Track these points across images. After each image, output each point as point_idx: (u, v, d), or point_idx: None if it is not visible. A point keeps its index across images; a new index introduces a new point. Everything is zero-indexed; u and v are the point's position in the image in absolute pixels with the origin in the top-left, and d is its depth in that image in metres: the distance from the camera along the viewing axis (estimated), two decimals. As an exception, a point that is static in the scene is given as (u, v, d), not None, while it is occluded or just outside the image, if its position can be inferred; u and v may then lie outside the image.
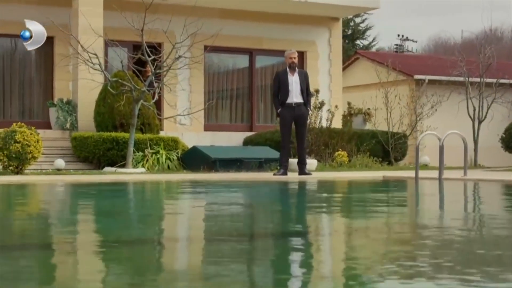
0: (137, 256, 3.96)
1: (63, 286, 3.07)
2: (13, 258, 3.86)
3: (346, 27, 38.49)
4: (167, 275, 3.33)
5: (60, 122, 17.59)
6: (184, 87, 19.91)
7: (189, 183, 11.96)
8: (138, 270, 3.45)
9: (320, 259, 3.91)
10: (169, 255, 4.14)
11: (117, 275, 3.37)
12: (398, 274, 3.29)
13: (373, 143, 18.50)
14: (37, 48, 19.41)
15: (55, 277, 3.32)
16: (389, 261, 3.67)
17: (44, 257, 3.97)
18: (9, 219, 6.22)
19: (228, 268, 3.48)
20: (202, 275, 3.35)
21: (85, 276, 3.34)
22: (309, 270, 3.47)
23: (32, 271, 3.47)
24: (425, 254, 3.96)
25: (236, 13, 20.73)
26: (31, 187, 11.09)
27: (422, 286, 2.99)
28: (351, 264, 3.66)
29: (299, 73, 13.12)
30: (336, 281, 3.19)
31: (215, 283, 3.13)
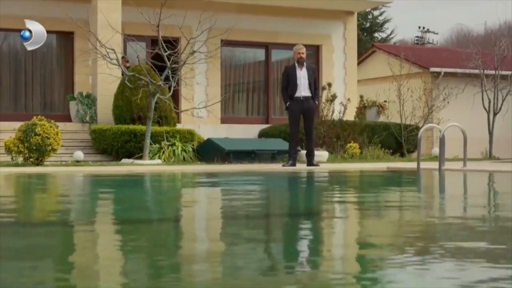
0: (161, 233, 4.49)
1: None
2: (38, 234, 4.33)
3: (364, 19, 38.78)
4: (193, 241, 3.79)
5: (80, 115, 18.11)
6: (201, 81, 20.37)
7: (199, 173, 12.46)
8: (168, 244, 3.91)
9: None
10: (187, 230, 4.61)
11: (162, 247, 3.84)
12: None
13: (385, 135, 18.87)
14: (55, 42, 20.06)
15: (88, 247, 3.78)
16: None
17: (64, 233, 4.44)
18: (34, 204, 6.73)
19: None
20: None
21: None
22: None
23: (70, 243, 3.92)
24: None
25: (252, 7, 21.13)
26: (50, 178, 11.58)
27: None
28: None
29: (307, 68, 13.55)
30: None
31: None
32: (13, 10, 18.54)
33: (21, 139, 13.65)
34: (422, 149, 21.43)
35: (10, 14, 18.52)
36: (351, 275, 3.08)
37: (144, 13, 15.57)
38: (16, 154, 13.87)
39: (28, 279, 2.97)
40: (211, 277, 3.04)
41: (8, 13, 18.52)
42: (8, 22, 18.64)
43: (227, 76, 21.73)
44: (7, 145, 13.86)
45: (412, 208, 6.25)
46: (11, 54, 19.61)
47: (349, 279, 2.99)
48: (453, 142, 17.36)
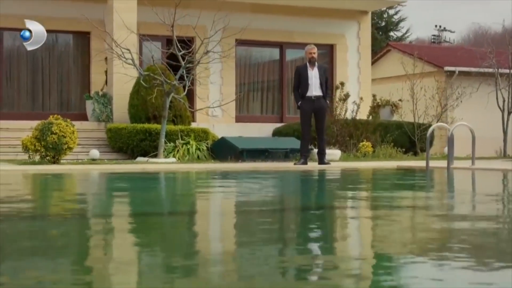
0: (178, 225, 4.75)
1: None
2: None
3: (379, 18, 38.85)
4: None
5: (96, 114, 18.36)
6: (216, 80, 20.59)
7: (211, 171, 12.69)
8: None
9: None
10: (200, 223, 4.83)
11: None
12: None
13: (398, 134, 19.00)
14: (72, 42, 20.32)
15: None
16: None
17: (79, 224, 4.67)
18: (53, 200, 6.96)
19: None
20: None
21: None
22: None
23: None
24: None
25: (267, 7, 21.31)
26: (66, 175, 11.81)
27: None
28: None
29: (318, 68, 13.72)
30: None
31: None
32: (32, 10, 18.83)
33: (38, 138, 13.88)
34: (435, 148, 21.60)
35: (28, 14, 18.72)
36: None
37: (159, 13, 15.78)
38: (33, 152, 14.11)
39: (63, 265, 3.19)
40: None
41: (26, 14, 18.74)
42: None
43: (241, 75, 21.93)
44: (25, 144, 14.11)
45: (410, 206, 6.42)
46: (29, 53, 19.86)
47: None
48: (467, 141, 17.46)
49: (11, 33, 19.62)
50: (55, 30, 19.78)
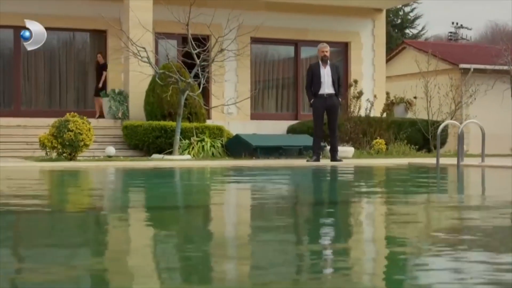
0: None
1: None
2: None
3: (395, 16, 38.88)
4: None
5: (112, 112, 18.58)
6: (231, 78, 20.78)
7: (224, 167, 12.89)
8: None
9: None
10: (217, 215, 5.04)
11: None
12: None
13: (411, 131, 19.09)
14: (89, 41, 20.55)
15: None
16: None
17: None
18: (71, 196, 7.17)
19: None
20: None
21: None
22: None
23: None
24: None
25: (281, 5, 21.46)
26: (82, 171, 12.02)
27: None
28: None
29: (330, 66, 13.88)
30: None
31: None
32: (50, 9, 19.11)
33: (54, 135, 14.10)
34: (450, 145, 21.67)
35: (46, 13, 19.07)
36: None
37: (175, 11, 15.94)
38: (50, 149, 14.33)
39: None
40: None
41: (45, 12, 19.06)
42: (45, 20, 19.15)
43: (256, 73, 22.10)
44: (42, 141, 14.33)
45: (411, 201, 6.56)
46: (47, 52, 20.15)
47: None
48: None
49: (30, 32, 19.88)
50: (73, 29, 20.07)
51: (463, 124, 12.78)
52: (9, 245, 3.82)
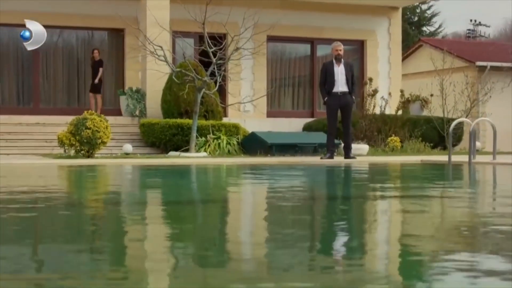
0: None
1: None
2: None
3: (412, 13, 38.90)
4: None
5: (129, 110, 18.81)
6: (247, 76, 20.96)
7: (238, 165, 13.10)
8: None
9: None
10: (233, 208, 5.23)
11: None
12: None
13: (426, 129, 19.19)
14: (107, 39, 20.78)
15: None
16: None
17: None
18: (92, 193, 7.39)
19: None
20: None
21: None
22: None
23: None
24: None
25: (297, 3, 21.60)
26: (99, 168, 12.24)
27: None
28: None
29: (344, 64, 14.02)
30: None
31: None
32: (69, 8, 19.38)
33: (72, 133, 14.34)
34: (465, 143, 21.70)
35: (65, 12, 19.36)
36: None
37: (192, 10, 16.10)
38: (68, 146, 14.57)
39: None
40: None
41: (64, 11, 19.35)
42: (64, 20, 19.50)
43: (273, 71, 22.26)
44: (60, 138, 14.57)
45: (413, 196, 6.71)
46: (65, 50, 20.43)
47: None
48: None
49: (49, 31, 20.13)
50: (91, 27, 20.33)
51: (474, 122, 12.87)
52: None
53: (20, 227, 4.39)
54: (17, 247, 3.58)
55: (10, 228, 4.32)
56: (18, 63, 19.84)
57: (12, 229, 4.26)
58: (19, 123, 17.73)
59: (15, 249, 3.52)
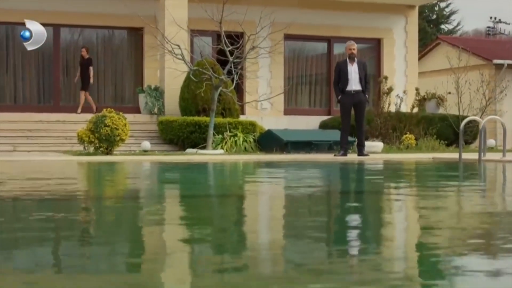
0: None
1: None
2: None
3: (430, 11, 38.96)
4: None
5: (148, 107, 19.10)
6: (264, 74, 21.20)
7: (252, 161, 13.39)
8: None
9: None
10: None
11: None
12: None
13: (441, 127, 19.32)
14: (126, 38, 21.09)
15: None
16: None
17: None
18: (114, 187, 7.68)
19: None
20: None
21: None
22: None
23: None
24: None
25: (314, 2, 21.78)
26: (117, 165, 12.53)
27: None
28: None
29: (358, 63, 14.24)
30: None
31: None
32: (89, 8, 19.72)
33: (92, 130, 14.66)
34: (479, 141, 21.84)
35: (85, 11, 19.70)
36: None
37: (210, 9, 16.34)
38: (87, 144, 14.89)
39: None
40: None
41: (84, 11, 19.69)
42: (85, 19, 19.83)
43: (290, 69, 22.48)
44: (80, 136, 14.90)
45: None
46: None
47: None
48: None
49: (70, 29, 20.53)
50: (110, 26, 20.64)
51: (484, 120, 13.05)
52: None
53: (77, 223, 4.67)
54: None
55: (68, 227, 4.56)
56: (39, 61, 20.19)
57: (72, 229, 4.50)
58: (39, 120, 18.09)
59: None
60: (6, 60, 19.95)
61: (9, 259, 3.20)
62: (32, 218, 4.73)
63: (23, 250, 3.47)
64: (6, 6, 18.82)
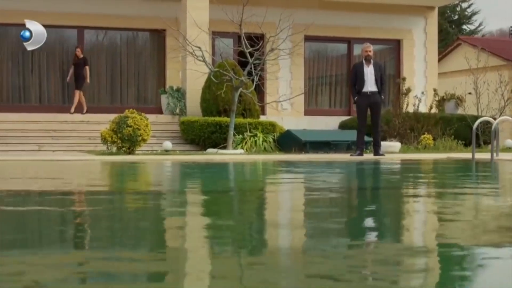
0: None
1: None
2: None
3: (452, 12, 39.01)
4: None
5: (170, 108, 19.45)
6: (284, 75, 21.50)
7: (270, 161, 13.70)
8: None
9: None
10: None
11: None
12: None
13: (459, 127, 19.48)
14: (149, 40, 21.46)
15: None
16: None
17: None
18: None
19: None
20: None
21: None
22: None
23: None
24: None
25: (334, 3, 22.04)
26: (138, 164, 12.85)
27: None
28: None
29: (374, 65, 14.52)
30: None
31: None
32: (112, 10, 20.13)
33: (114, 130, 15.03)
34: (500, 141, 21.96)
35: (109, 13, 20.10)
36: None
37: (231, 10, 16.63)
38: (110, 143, 15.27)
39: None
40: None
41: (107, 13, 20.10)
42: (109, 21, 20.24)
43: (310, 70, 22.75)
44: (103, 136, 15.28)
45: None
46: (108, 50, 21.18)
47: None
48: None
49: (94, 31, 20.94)
50: (134, 28, 21.03)
51: (496, 120, 13.29)
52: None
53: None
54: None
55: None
56: (63, 62, 20.60)
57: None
58: (64, 121, 18.51)
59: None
60: (31, 61, 20.39)
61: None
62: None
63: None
64: (29, 8, 19.21)
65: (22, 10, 18.60)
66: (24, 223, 4.59)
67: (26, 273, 2.84)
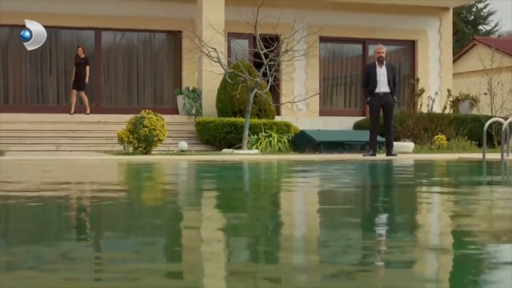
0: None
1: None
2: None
3: (468, 12, 39.01)
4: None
5: (186, 109, 19.66)
6: (299, 75, 21.66)
7: (288, 161, 13.92)
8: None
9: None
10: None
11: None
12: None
13: (472, 127, 19.55)
14: (165, 41, 21.68)
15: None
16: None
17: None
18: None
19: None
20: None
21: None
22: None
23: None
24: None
25: (349, 5, 22.18)
26: (154, 164, 13.07)
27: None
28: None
29: (386, 66, 14.67)
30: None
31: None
32: (129, 11, 20.39)
33: (131, 131, 15.24)
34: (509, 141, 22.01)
35: (125, 15, 20.35)
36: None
37: (246, 12, 16.80)
38: (127, 144, 15.48)
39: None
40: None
41: (124, 14, 20.35)
42: (125, 22, 20.49)
43: (325, 71, 22.91)
44: (120, 136, 15.50)
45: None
46: (125, 51, 21.43)
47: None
48: None
49: (111, 33, 21.19)
50: (150, 30, 21.27)
51: (507, 121, 13.40)
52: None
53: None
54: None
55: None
56: (81, 64, 20.87)
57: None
58: (81, 121, 18.76)
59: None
60: (49, 62, 20.67)
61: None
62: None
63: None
64: (49, 10, 19.50)
65: (41, 12, 18.89)
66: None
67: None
